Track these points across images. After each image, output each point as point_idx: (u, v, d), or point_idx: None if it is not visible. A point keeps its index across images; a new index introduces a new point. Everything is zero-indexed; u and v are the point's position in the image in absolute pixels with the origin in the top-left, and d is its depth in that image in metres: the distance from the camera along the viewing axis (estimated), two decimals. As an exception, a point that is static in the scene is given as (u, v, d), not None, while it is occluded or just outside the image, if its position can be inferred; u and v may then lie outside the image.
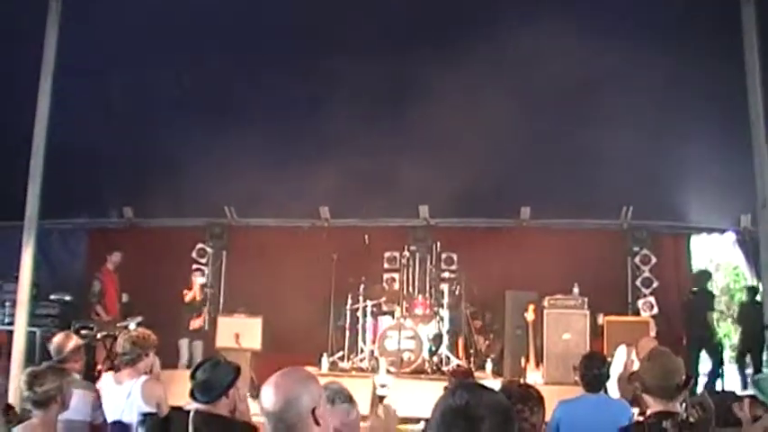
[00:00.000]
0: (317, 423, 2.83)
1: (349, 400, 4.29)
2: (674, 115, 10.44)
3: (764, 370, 12.11)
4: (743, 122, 8.03)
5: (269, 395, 2.85)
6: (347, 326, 12.67)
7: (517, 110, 10.01)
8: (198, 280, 13.20)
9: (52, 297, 13.05)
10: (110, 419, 5.56)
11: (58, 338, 6.17)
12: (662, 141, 10.88)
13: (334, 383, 4.38)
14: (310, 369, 10.82)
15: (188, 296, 12.83)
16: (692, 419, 4.70)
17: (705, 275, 13.52)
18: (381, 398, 10.42)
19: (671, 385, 4.13)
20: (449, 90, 9.77)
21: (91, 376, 7.53)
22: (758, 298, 12.49)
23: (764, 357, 12.56)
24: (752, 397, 5.10)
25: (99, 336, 11.73)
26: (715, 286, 22.79)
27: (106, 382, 5.84)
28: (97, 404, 5.46)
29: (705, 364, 12.80)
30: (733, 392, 10.81)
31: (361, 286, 12.59)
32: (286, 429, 2.81)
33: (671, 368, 4.18)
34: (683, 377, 4.17)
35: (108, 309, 12.89)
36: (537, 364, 11.17)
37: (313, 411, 2.82)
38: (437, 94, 9.81)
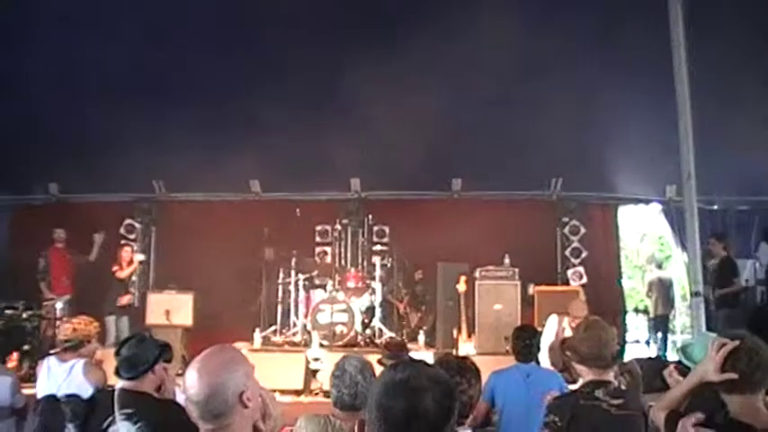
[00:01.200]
0: (246, 406, 2.75)
1: (374, 375, 4.23)
2: (601, 88, 10.54)
3: (686, 336, 12.40)
4: (669, 96, 8.18)
5: (192, 383, 2.72)
6: (279, 300, 12.59)
7: (448, 83, 10.03)
8: (137, 257, 12.96)
9: (-25, 276, 12.74)
10: (44, 393, 5.53)
11: None
12: (590, 114, 10.99)
13: (362, 356, 4.36)
14: (241, 345, 10.80)
15: (124, 272, 12.55)
16: (623, 387, 4.77)
17: None
18: (315, 372, 10.43)
19: (606, 355, 4.19)
20: (380, 66, 9.74)
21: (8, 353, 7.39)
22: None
23: (688, 324, 12.88)
24: (678, 363, 5.18)
25: (25, 315, 11.53)
26: (640, 254, 23.41)
27: (49, 360, 5.83)
28: (16, 388, 5.35)
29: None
30: (659, 358, 11.07)
31: (293, 260, 12.49)
32: (213, 418, 2.71)
33: (606, 339, 4.24)
34: (617, 347, 4.23)
35: (53, 287, 12.56)
36: (469, 335, 11.23)
37: (241, 395, 2.74)
38: (368, 70, 9.77)
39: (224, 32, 10.06)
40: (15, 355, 6.54)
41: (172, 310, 11.88)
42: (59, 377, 5.56)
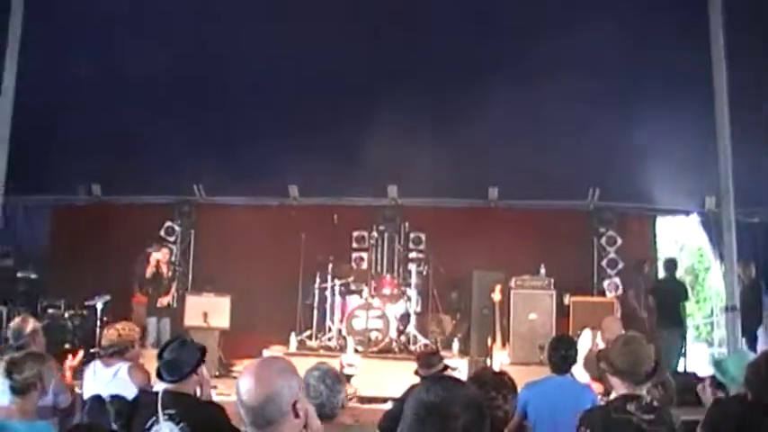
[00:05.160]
0: (297, 416, 2.79)
1: (338, 380, 4.29)
2: (641, 99, 10.54)
3: (720, 350, 12.24)
4: (709, 107, 8.14)
5: (249, 388, 2.75)
6: (315, 305, 12.66)
7: (485, 92, 10.05)
8: (154, 255, 12.56)
9: (19, 275, 12.96)
10: (89, 394, 5.68)
11: (15, 322, 6.31)
12: (629, 124, 10.95)
13: (323, 364, 4.40)
14: (277, 348, 10.91)
15: (147, 271, 12.40)
16: (655, 403, 4.78)
17: (672, 264, 13.18)
18: (349, 377, 10.50)
19: (640, 371, 4.22)
20: (421, 73, 9.79)
21: (60, 354, 7.51)
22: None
23: (725, 337, 12.71)
24: (712, 378, 5.18)
25: (66, 314, 11.74)
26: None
27: (94, 364, 5.99)
28: (60, 388, 5.45)
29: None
30: (694, 373, 10.98)
31: (330, 265, 12.56)
32: (266, 424, 2.75)
33: (642, 355, 4.28)
34: (653, 364, 4.26)
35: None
36: (503, 344, 11.24)
37: (294, 405, 2.77)
38: (408, 77, 9.83)
39: (269, 41, 10.17)
40: (80, 353, 6.61)
41: (209, 312, 12.02)
42: (105, 380, 5.73)
